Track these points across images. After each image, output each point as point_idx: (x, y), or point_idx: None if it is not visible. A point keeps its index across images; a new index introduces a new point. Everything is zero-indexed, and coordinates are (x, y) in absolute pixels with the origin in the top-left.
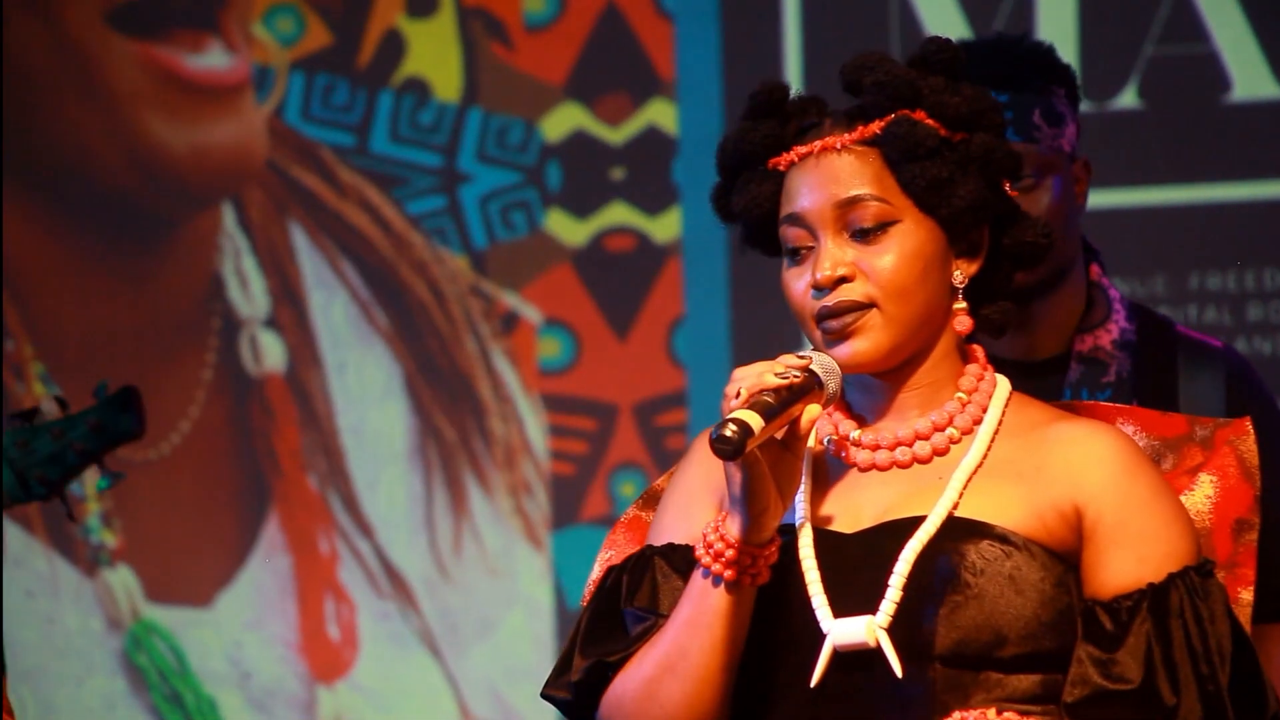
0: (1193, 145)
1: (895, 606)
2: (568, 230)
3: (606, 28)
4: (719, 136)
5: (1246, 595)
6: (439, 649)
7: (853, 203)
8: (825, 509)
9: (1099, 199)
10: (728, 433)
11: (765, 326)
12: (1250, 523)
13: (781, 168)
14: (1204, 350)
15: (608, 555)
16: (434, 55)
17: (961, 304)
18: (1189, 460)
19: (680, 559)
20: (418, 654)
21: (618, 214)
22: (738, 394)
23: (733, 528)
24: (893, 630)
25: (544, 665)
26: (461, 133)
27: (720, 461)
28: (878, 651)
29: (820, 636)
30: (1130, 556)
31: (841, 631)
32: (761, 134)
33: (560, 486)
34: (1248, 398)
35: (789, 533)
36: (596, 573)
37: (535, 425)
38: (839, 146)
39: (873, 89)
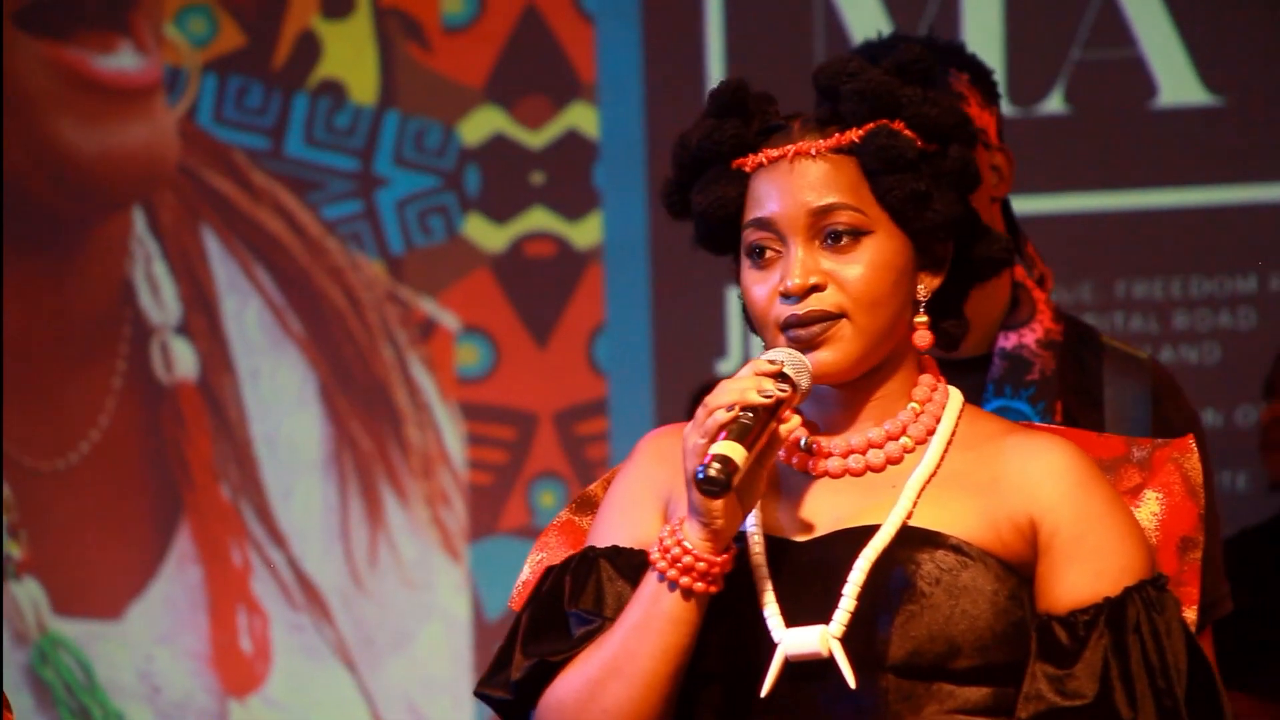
0: (1119, 151)
1: (849, 616)
2: (486, 235)
3: (526, 29)
4: (640, 140)
5: (1190, 614)
6: (354, 661)
7: (827, 211)
8: (777, 517)
9: (1025, 205)
10: (713, 473)
11: (687, 334)
12: (1195, 540)
13: (748, 169)
14: (1130, 360)
15: (539, 557)
16: (350, 57)
17: (923, 317)
18: (1126, 481)
19: (625, 562)
20: (332, 667)
21: (537, 219)
22: (720, 419)
23: (691, 534)
24: (846, 640)
25: (461, 678)
26: (378, 136)
27: (666, 463)
28: (830, 661)
29: (772, 646)
30: (1086, 571)
31: (794, 641)
32: (729, 132)
33: (478, 496)
34: (1173, 409)
35: (741, 540)
36: (527, 574)
37: (453, 434)
38: (814, 153)
39: (852, 97)
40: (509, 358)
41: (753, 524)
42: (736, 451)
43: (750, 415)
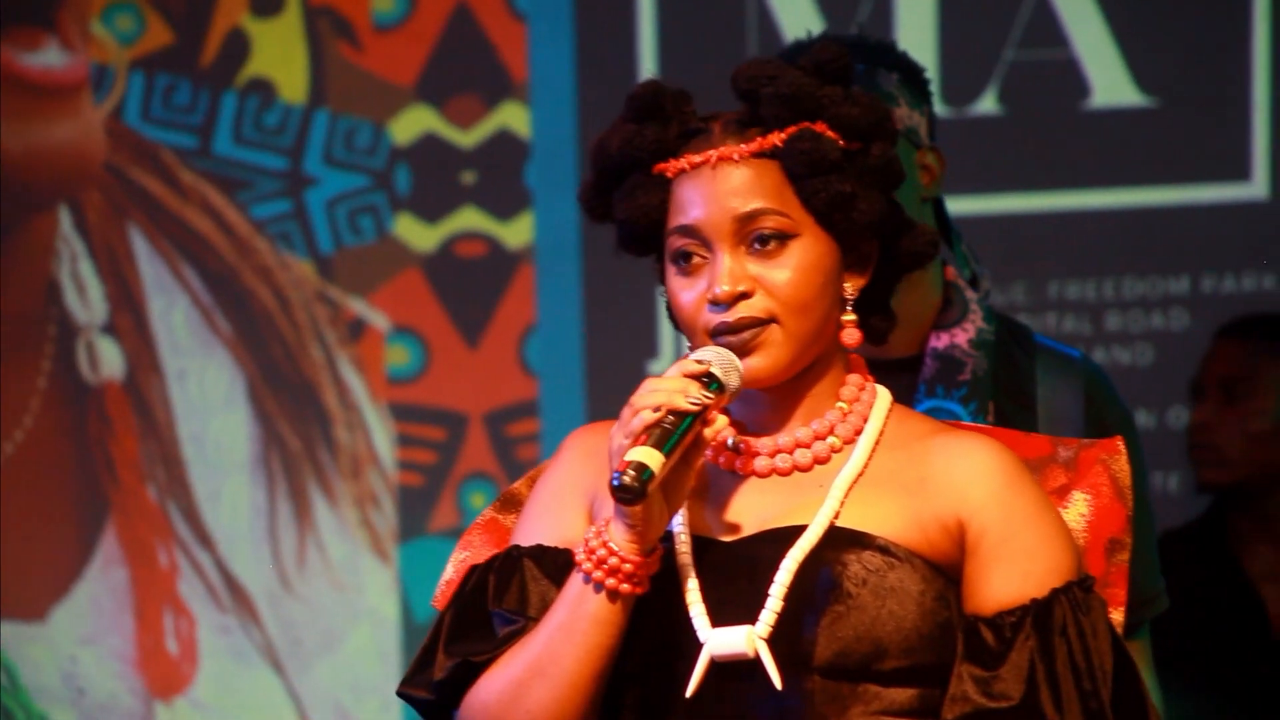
0: (1052, 152)
1: (776, 616)
2: (417, 235)
3: (457, 28)
4: (572, 139)
5: (1118, 616)
6: (281, 664)
7: (753, 217)
8: (704, 516)
9: (958, 205)
10: (628, 480)
11: (618, 334)
12: (1123, 542)
13: (669, 174)
14: (1063, 359)
15: (463, 556)
16: (279, 55)
17: (850, 316)
18: (1052, 481)
19: (550, 562)
20: (259, 669)
21: (468, 219)
22: (645, 420)
23: (617, 535)
24: (772, 640)
25: (390, 680)
26: (308, 135)
27: (592, 461)
28: (756, 662)
29: (697, 646)
30: (1014, 572)
31: (720, 641)
32: (649, 139)
33: (408, 497)
34: (1106, 409)
35: (667, 540)
36: (451, 573)
37: (382, 435)
38: (736, 158)
39: (772, 100)
40: (439, 358)
41: (679, 523)
42: (653, 458)
43: (673, 419)
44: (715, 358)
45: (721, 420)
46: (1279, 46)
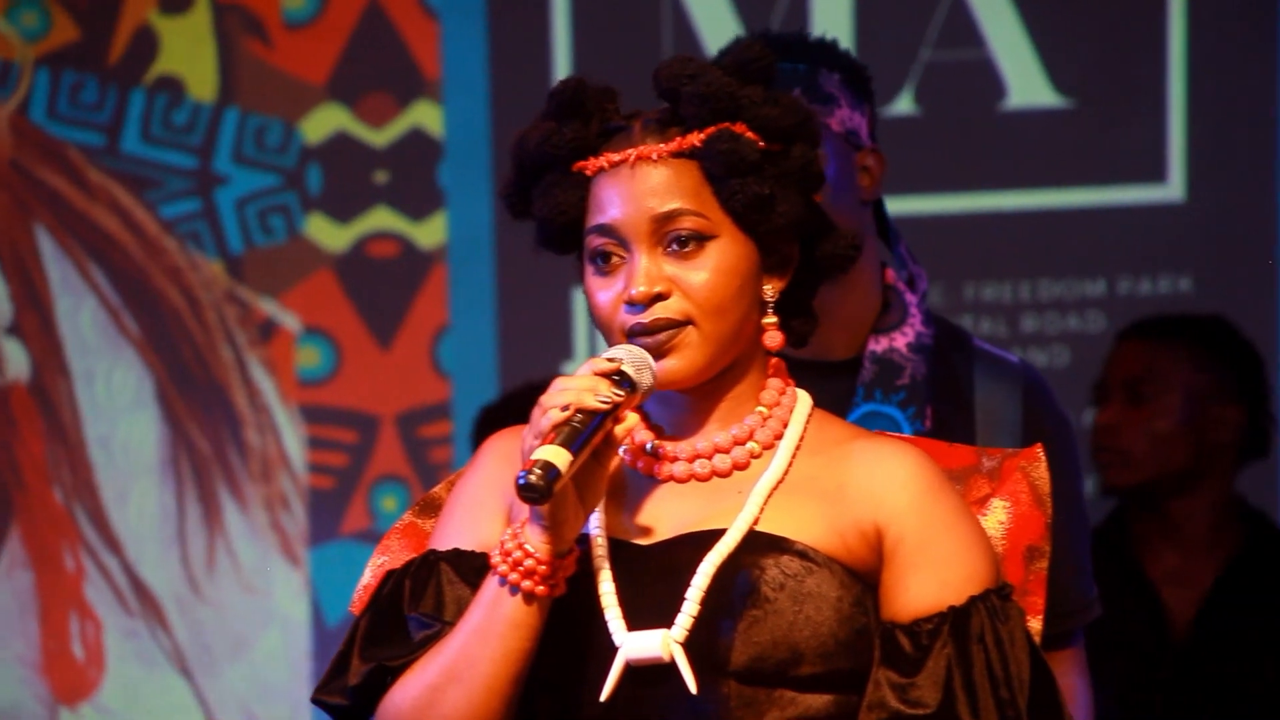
0: (968, 153)
1: (692, 620)
2: (328, 235)
3: (369, 26)
4: (486, 139)
5: (1036, 624)
6: (190, 669)
7: (670, 217)
8: (621, 520)
9: None
10: (534, 479)
11: (532, 336)
12: (1041, 550)
13: (589, 172)
14: (1001, 364)
15: (381, 561)
16: (188, 52)
17: (772, 319)
18: (976, 491)
19: (467, 566)
20: (167, 674)
21: (381, 219)
22: (553, 420)
23: (532, 537)
24: (688, 645)
25: (300, 684)
26: (217, 133)
27: (509, 466)
28: (672, 666)
29: (613, 650)
30: (931, 579)
31: (635, 645)
32: (568, 136)
33: (319, 500)
34: (1043, 414)
35: (583, 543)
36: (369, 578)
37: (293, 437)
38: (655, 157)
39: (692, 99)
40: (351, 359)
41: (596, 527)
42: (560, 457)
43: (582, 418)
44: (627, 356)
45: (633, 418)
46: (1194, 48)
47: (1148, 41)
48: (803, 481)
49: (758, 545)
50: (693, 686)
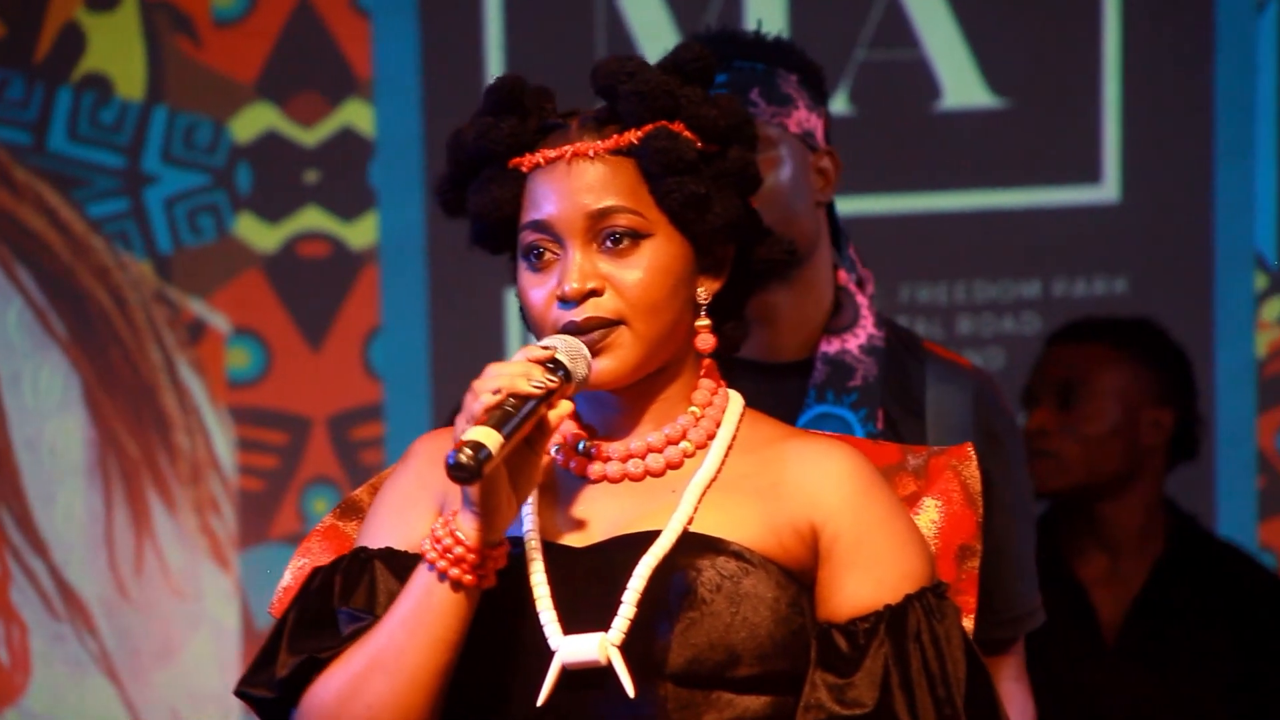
0: (903, 153)
1: (629, 624)
2: (258, 235)
3: (299, 24)
4: (418, 138)
5: (968, 623)
6: (117, 673)
7: (605, 214)
8: (554, 522)
9: None
10: (464, 458)
11: (465, 337)
12: (973, 549)
13: (524, 168)
14: (952, 367)
15: (301, 563)
16: (116, 50)
17: (704, 321)
18: (902, 489)
19: (400, 564)
20: (94, 678)
21: (311, 219)
22: (485, 403)
23: (464, 525)
24: (625, 648)
25: (230, 689)
26: (146, 132)
27: (440, 466)
28: (609, 670)
29: (549, 653)
30: (867, 578)
31: (571, 649)
32: (505, 132)
33: (249, 503)
34: (994, 417)
35: (518, 546)
36: (289, 580)
37: (223, 439)
38: (591, 154)
39: (630, 97)
40: (281, 361)
41: (529, 529)
42: (491, 438)
43: (514, 402)
44: (562, 345)
45: (566, 405)
46: (1129, 48)
47: (1083, 42)
48: (736, 480)
49: (693, 546)
50: (630, 690)
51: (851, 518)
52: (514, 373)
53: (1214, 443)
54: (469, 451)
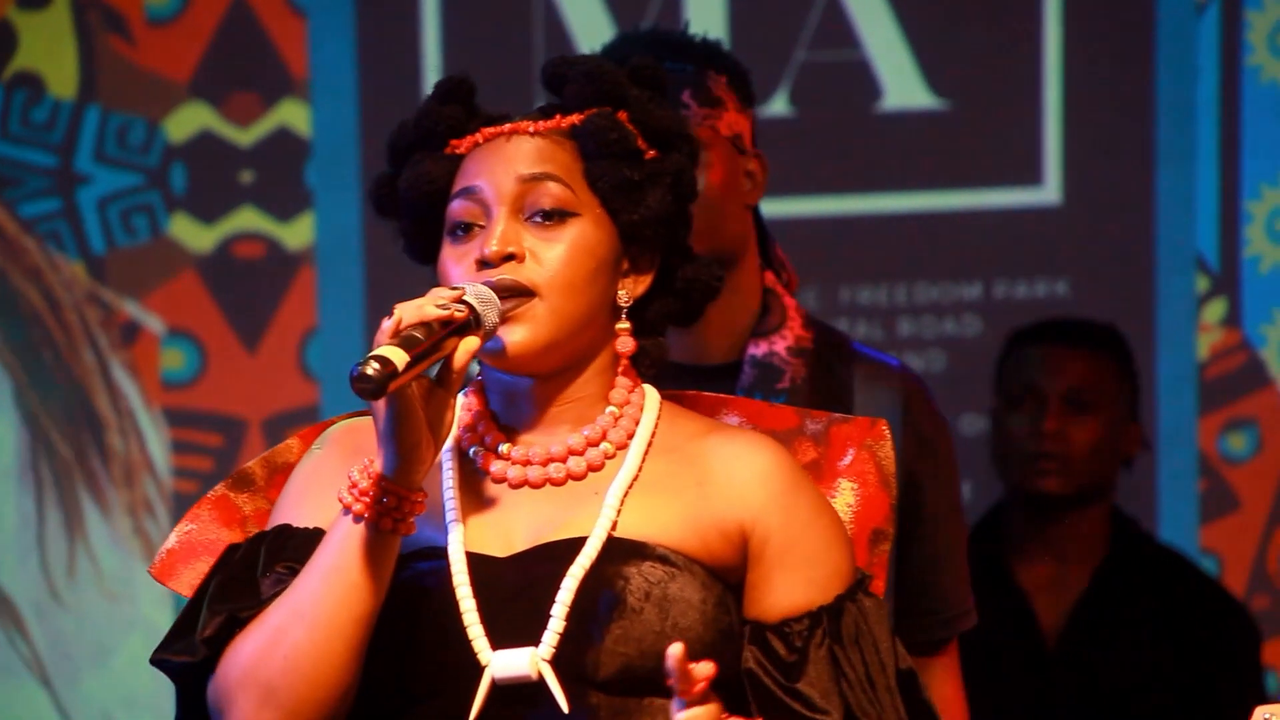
0: (844, 154)
1: (559, 637)
2: (193, 236)
3: (234, 23)
4: (354, 138)
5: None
6: (49, 677)
7: (536, 180)
8: (476, 529)
9: None
10: (370, 370)
11: None
12: (886, 533)
13: (462, 150)
14: (881, 368)
15: (188, 529)
16: (48, 49)
17: (625, 324)
18: (802, 455)
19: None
20: (26, 683)
21: (247, 219)
22: (390, 328)
23: (379, 464)
24: (555, 660)
25: (163, 692)
26: (78, 131)
27: (360, 454)
28: (540, 684)
29: (479, 668)
30: (799, 578)
31: (502, 664)
32: (446, 114)
33: (183, 505)
34: (923, 418)
35: (440, 555)
36: (174, 543)
37: (157, 441)
38: (532, 131)
39: (580, 78)
40: (217, 362)
41: (454, 539)
42: (397, 355)
43: (423, 330)
44: (472, 289)
45: (473, 340)
46: (1070, 50)
47: (1024, 44)
48: (658, 481)
49: (619, 553)
50: (564, 705)
51: (780, 518)
52: (421, 304)
53: (1156, 446)
54: (375, 365)
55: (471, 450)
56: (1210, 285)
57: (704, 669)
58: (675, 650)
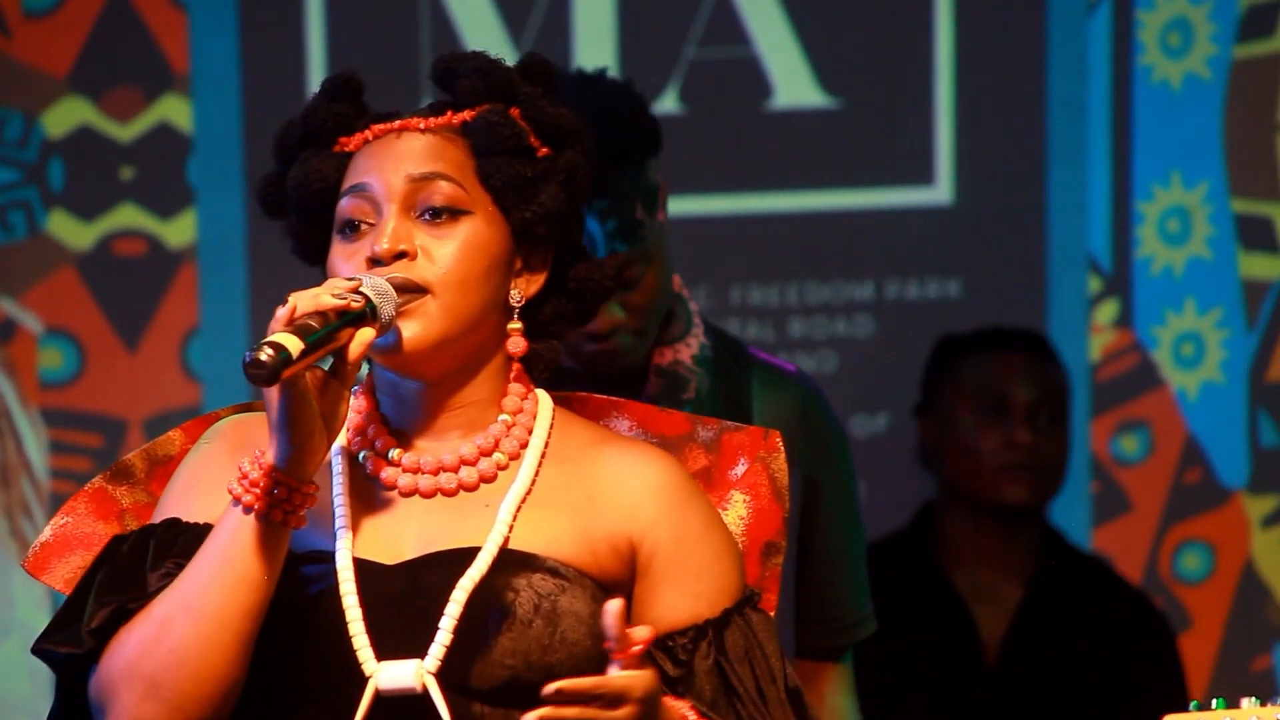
0: (735, 152)
1: (445, 650)
2: (72, 233)
3: (114, 16)
4: (237, 135)
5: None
6: None
7: (427, 179)
8: (364, 535)
9: None
10: (263, 356)
11: None
12: (778, 546)
13: (351, 148)
14: (777, 374)
15: (63, 522)
16: None
17: (517, 324)
18: (693, 463)
19: None
20: None
21: (127, 216)
22: (284, 316)
23: (270, 455)
24: (441, 672)
25: (41, 696)
26: None
27: (248, 449)
28: (425, 696)
29: (363, 677)
30: (686, 593)
31: (387, 676)
32: (334, 111)
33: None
34: (820, 423)
35: (328, 560)
36: (48, 536)
37: (35, 441)
38: (422, 128)
39: (471, 74)
40: (96, 362)
41: (341, 546)
42: (292, 342)
43: (318, 318)
44: (369, 281)
45: (368, 331)
46: (962, 49)
47: (915, 42)
48: (551, 493)
49: (509, 564)
50: (447, 717)
51: (669, 532)
52: (316, 293)
53: None
54: (269, 351)
55: (361, 455)
56: (1102, 286)
57: (641, 632)
58: (613, 607)
